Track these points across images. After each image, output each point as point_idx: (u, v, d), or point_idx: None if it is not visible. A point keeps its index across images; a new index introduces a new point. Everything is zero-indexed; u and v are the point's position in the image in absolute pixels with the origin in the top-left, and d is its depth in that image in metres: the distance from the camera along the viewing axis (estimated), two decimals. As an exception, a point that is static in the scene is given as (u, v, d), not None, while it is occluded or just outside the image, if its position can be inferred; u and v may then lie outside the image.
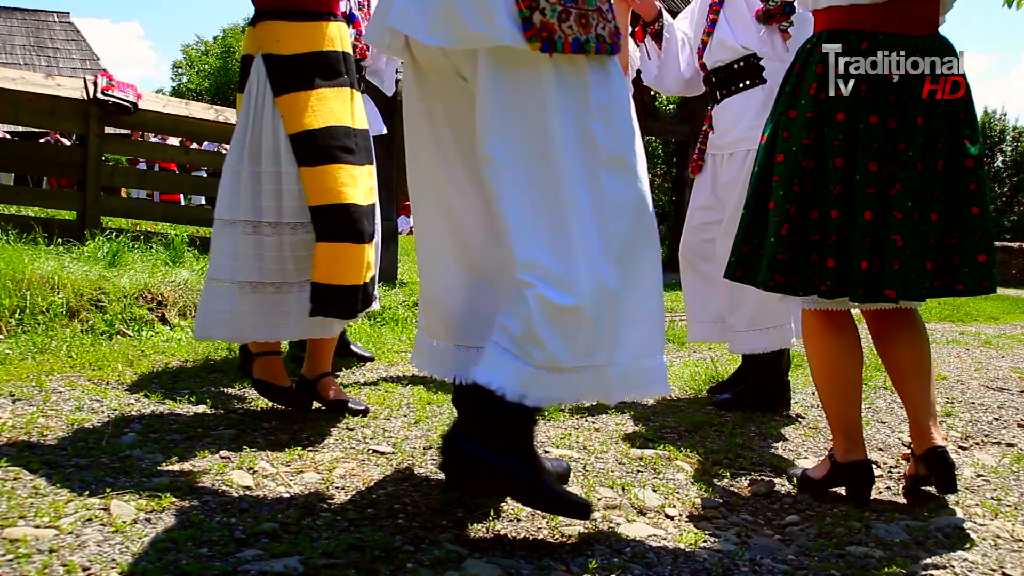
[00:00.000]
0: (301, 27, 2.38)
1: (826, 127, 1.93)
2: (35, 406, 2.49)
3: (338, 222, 2.31)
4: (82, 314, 4.79)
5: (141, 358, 3.34)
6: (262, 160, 2.37)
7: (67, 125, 6.28)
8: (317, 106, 2.34)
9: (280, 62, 2.35)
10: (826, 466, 2.20)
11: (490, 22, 1.45)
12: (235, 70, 31.80)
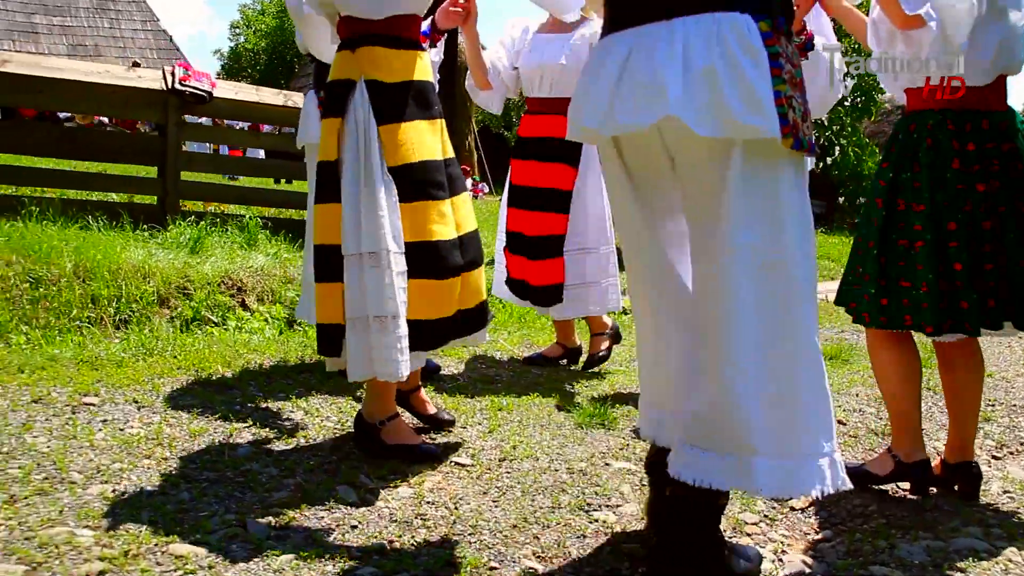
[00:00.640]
0: (402, 55, 2.43)
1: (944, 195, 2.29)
2: (157, 413, 2.84)
3: (425, 260, 2.39)
4: (171, 301, 5.20)
5: (236, 358, 3.68)
6: (376, 187, 2.37)
7: (147, 115, 6.63)
8: (415, 139, 2.40)
9: (385, 89, 2.38)
10: (889, 464, 2.54)
11: (760, 115, 1.55)
12: (291, 30, 32.06)
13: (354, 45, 2.43)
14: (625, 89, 1.64)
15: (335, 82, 2.46)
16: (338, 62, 2.48)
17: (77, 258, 4.98)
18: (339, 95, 2.43)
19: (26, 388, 3.01)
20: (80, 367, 3.34)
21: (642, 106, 1.60)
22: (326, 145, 2.45)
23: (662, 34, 1.61)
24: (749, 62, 1.56)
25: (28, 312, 4.53)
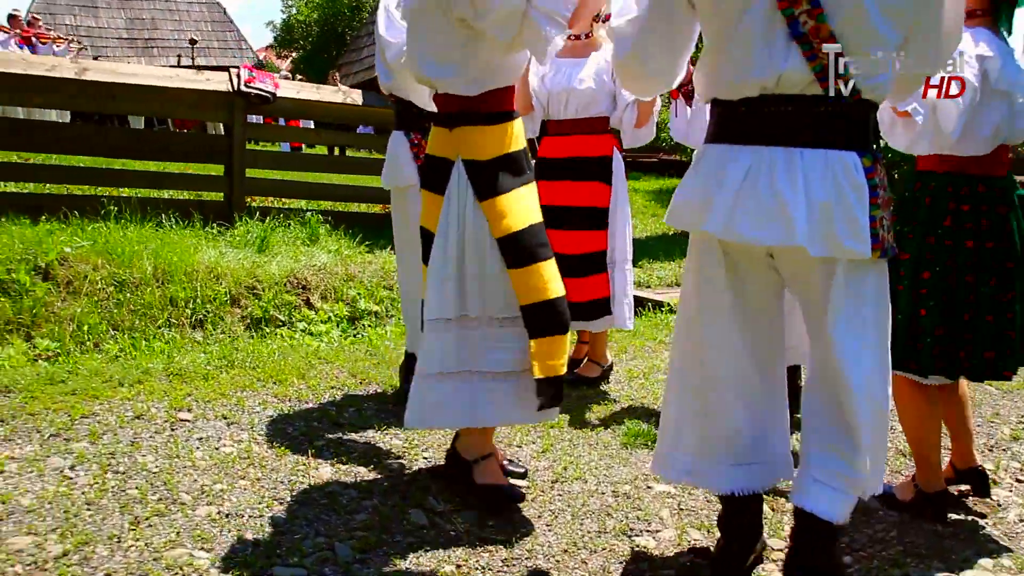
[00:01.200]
0: (495, 130, 2.47)
1: (959, 254, 2.55)
2: (244, 431, 3.18)
3: (548, 318, 2.45)
4: (241, 301, 5.57)
5: (309, 368, 4.01)
6: (466, 262, 2.46)
7: (214, 115, 6.96)
8: (516, 207, 2.46)
9: (482, 168, 2.45)
10: (911, 492, 2.85)
11: (860, 241, 1.85)
12: (341, 1, 32.31)
13: (451, 123, 2.49)
14: (748, 204, 1.90)
15: (434, 158, 2.54)
16: (436, 137, 2.56)
17: (156, 261, 5.36)
18: (439, 172, 2.52)
19: (127, 403, 3.37)
20: (172, 380, 3.69)
21: (767, 226, 1.87)
22: (428, 215, 2.57)
23: (782, 161, 1.88)
24: (854, 196, 1.85)
25: (115, 315, 4.93)
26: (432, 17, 2.37)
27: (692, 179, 2.08)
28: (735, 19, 1.88)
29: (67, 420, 3.14)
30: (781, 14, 1.82)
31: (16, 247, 5.07)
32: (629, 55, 2.14)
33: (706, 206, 1.98)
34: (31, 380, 3.55)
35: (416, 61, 2.48)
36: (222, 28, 30.42)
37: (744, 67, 1.90)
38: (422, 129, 3.27)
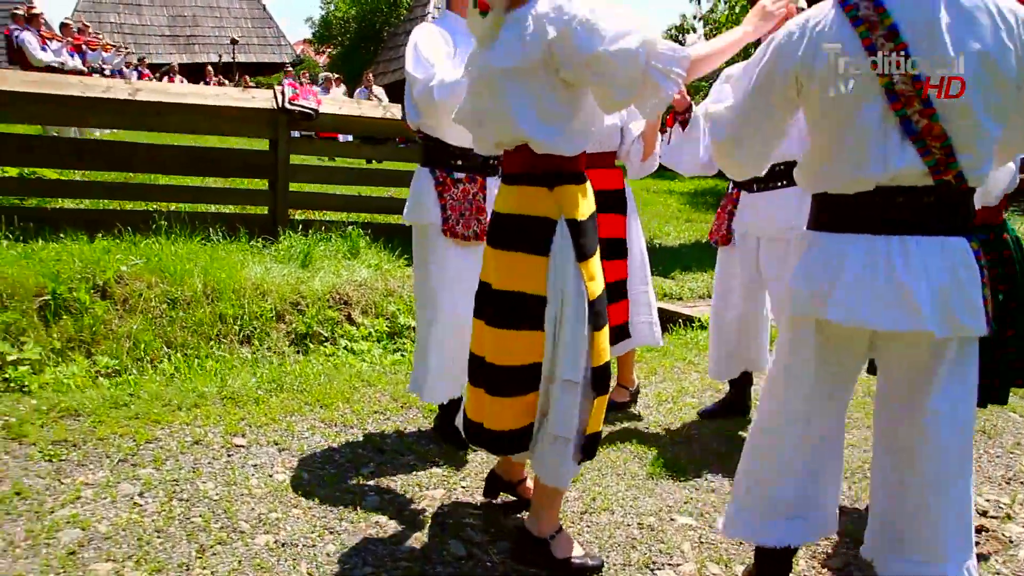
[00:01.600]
0: (585, 189, 2.53)
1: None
2: (295, 457, 3.41)
3: (603, 380, 2.54)
4: (286, 317, 5.81)
5: (353, 392, 4.24)
6: (581, 322, 2.46)
7: (259, 132, 7.20)
8: (598, 269, 2.54)
9: (581, 228, 2.47)
10: None
11: (977, 319, 2.04)
12: (379, -2, 32.53)
13: (551, 183, 2.45)
14: (869, 292, 2.06)
15: (534, 219, 2.45)
16: (531, 197, 2.47)
17: (205, 278, 5.62)
18: (537, 231, 2.45)
19: (186, 428, 3.62)
20: (226, 403, 3.94)
21: (891, 312, 2.04)
22: (532, 280, 2.46)
23: (898, 250, 2.05)
24: (968, 279, 2.03)
25: (168, 332, 5.19)
26: (536, 77, 2.33)
27: (806, 267, 2.21)
28: (848, 120, 2.05)
29: (132, 445, 3.39)
30: (895, 115, 1.99)
31: (76, 266, 5.34)
32: (726, 140, 2.32)
33: (826, 295, 2.12)
34: (97, 403, 3.81)
35: (514, 120, 2.38)
36: (261, 25, 30.88)
37: (859, 164, 2.05)
38: (448, 167, 3.37)
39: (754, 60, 2.24)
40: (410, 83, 3.21)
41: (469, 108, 2.59)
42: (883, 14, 1.97)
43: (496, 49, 2.37)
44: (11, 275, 5.08)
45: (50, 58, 11.54)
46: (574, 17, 2.22)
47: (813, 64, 2.05)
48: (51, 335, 4.87)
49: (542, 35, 2.24)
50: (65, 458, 3.26)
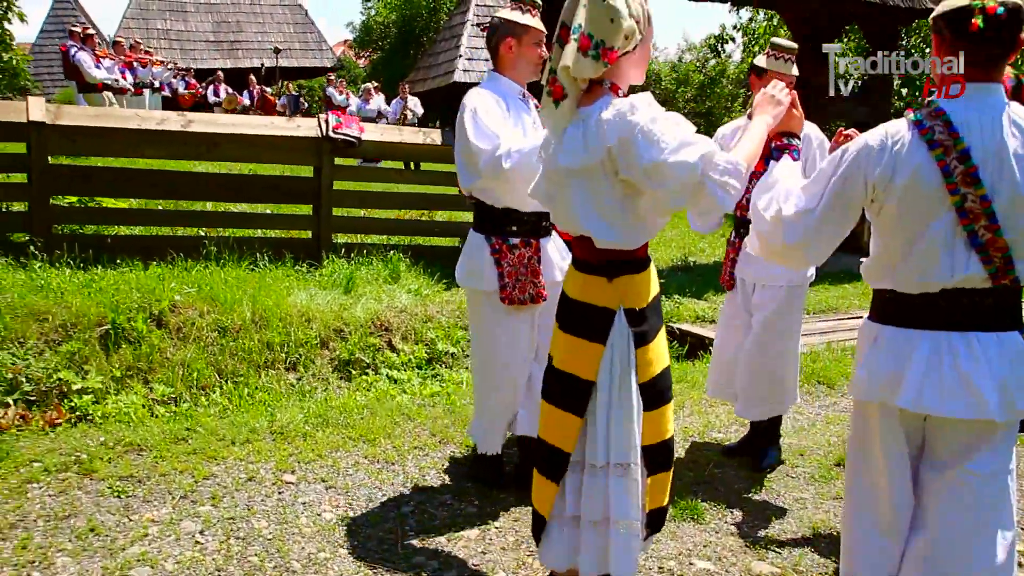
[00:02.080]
0: (647, 276, 2.57)
1: None
2: (341, 495, 3.67)
3: (662, 456, 2.59)
4: (330, 343, 6.09)
5: (395, 427, 4.49)
6: (631, 405, 2.50)
7: (304, 159, 7.50)
8: (660, 350, 2.59)
9: (641, 316, 2.52)
10: None
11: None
12: (418, 2, 32.90)
13: (611, 274, 2.50)
14: (936, 382, 2.26)
15: (595, 308, 2.51)
16: (592, 287, 2.53)
17: (254, 306, 5.91)
18: (601, 322, 2.51)
19: (240, 464, 3.89)
20: (276, 439, 4.21)
21: (956, 401, 2.25)
22: (586, 365, 2.50)
23: (961, 345, 2.26)
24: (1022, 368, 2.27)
25: (219, 360, 5.49)
26: (596, 177, 2.41)
27: (875, 357, 2.42)
28: (921, 231, 2.26)
29: (192, 482, 3.67)
30: (963, 228, 2.21)
31: (133, 296, 5.66)
32: (798, 243, 2.45)
33: (896, 383, 2.34)
34: (158, 438, 4.10)
35: (577, 217, 2.47)
36: (303, 30, 31.33)
37: (928, 271, 2.28)
38: (504, 233, 3.46)
39: (826, 170, 2.40)
40: (472, 152, 3.25)
41: (543, 188, 2.65)
42: (957, 139, 2.18)
43: (562, 145, 2.45)
44: (75, 305, 5.41)
45: (104, 75, 11.97)
46: (636, 125, 2.30)
47: (893, 179, 2.24)
48: (111, 364, 5.19)
49: (604, 140, 2.33)
50: (132, 494, 3.54)
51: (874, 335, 2.44)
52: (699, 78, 23.36)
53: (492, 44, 3.48)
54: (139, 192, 7.24)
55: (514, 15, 3.42)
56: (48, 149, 6.35)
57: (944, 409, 2.26)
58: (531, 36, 3.43)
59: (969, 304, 2.26)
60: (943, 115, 2.20)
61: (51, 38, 34.20)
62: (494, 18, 3.47)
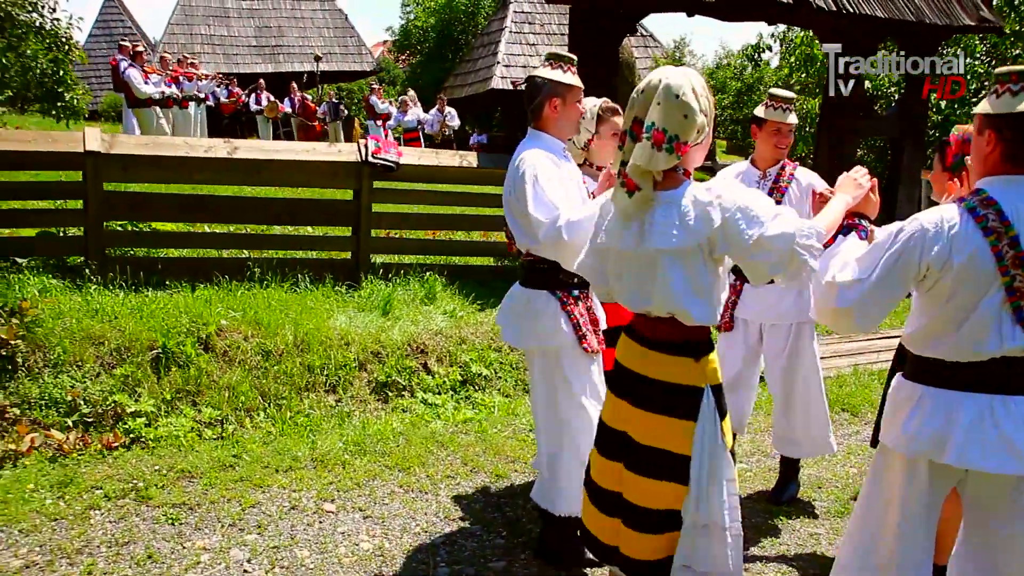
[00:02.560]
0: (715, 353, 2.70)
1: None
2: (377, 525, 3.92)
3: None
4: (367, 366, 6.34)
5: (428, 455, 4.74)
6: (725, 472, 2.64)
7: (345, 183, 7.77)
8: (729, 420, 2.75)
9: (720, 391, 2.67)
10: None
11: None
12: (459, 7, 33.19)
13: (698, 354, 2.61)
14: (977, 441, 2.47)
15: (683, 387, 2.60)
16: (677, 367, 2.62)
17: (296, 330, 6.18)
18: (690, 401, 2.61)
19: (283, 492, 4.16)
20: (317, 467, 4.47)
21: (998, 457, 2.45)
22: (680, 441, 2.61)
23: (1000, 407, 2.48)
24: None
25: (263, 383, 5.76)
26: (692, 257, 2.51)
27: (920, 417, 2.59)
28: (972, 308, 2.47)
29: (239, 510, 3.94)
30: (1010, 304, 2.44)
31: (182, 319, 5.96)
32: (848, 308, 2.62)
33: (942, 442, 2.54)
34: (207, 465, 4.38)
35: (676, 298, 2.54)
36: (343, 35, 31.76)
37: (976, 343, 2.49)
38: (568, 286, 3.47)
39: (881, 243, 2.60)
40: (531, 223, 3.27)
41: (592, 264, 2.80)
42: (1008, 227, 2.39)
43: (651, 230, 2.53)
44: (128, 329, 5.72)
45: (152, 90, 12.37)
46: (734, 204, 2.46)
47: (950, 260, 2.43)
48: (162, 386, 5.48)
49: (706, 223, 2.45)
50: (184, 521, 3.82)
51: (917, 395, 2.63)
52: (736, 85, 23.34)
53: (536, 103, 3.45)
54: (188, 216, 7.55)
55: (556, 74, 3.41)
56: (103, 176, 6.67)
57: (988, 465, 2.47)
58: (574, 95, 3.45)
59: (1011, 371, 2.49)
60: (995, 204, 2.42)
61: (98, 42, 35.07)
62: (536, 78, 3.44)
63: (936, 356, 2.57)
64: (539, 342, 3.50)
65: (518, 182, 3.34)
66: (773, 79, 20.54)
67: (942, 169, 3.37)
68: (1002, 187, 2.46)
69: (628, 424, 2.71)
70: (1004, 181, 2.47)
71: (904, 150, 11.28)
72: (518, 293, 3.61)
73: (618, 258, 2.67)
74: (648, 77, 2.56)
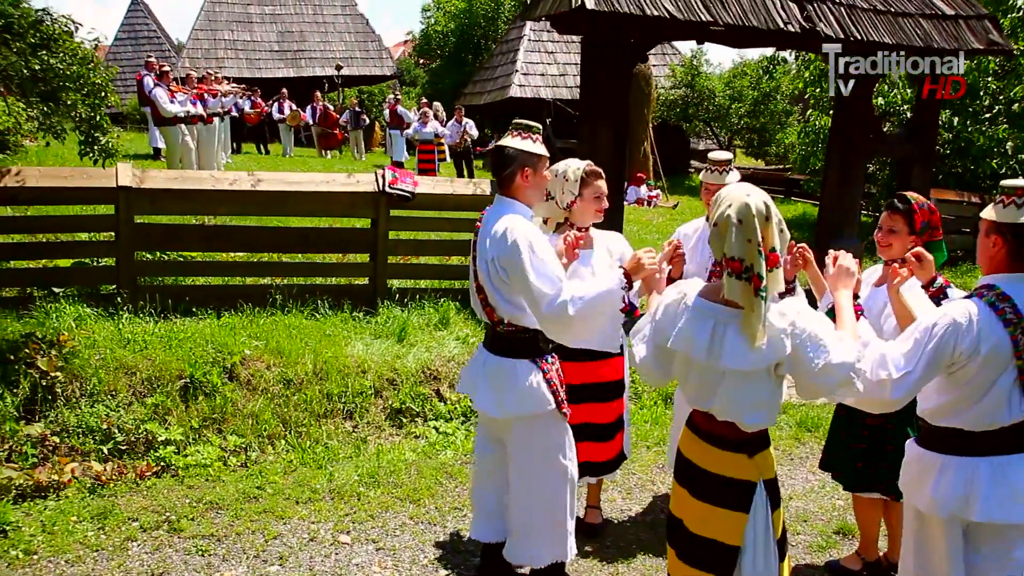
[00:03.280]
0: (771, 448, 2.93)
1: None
2: (389, 556, 4.26)
3: None
4: (383, 392, 6.68)
5: (438, 487, 5.07)
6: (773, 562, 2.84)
7: (363, 212, 8.12)
8: (781, 511, 2.96)
9: (775, 483, 2.90)
10: (858, 563, 4.19)
11: None
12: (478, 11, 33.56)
13: (752, 451, 2.81)
14: (996, 496, 2.85)
15: (737, 481, 2.81)
16: (733, 462, 2.82)
17: (315, 359, 6.53)
18: (744, 495, 2.80)
19: (303, 524, 4.51)
20: (334, 499, 4.82)
21: (1015, 508, 2.84)
22: (731, 532, 2.79)
23: (1015, 465, 2.88)
24: None
25: (284, 411, 6.12)
26: (759, 376, 2.71)
27: (947, 482, 2.96)
28: (990, 385, 2.84)
29: (263, 542, 4.29)
30: (1020, 383, 2.82)
31: (208, 349, 6.33)
32: (903, 398, 2.93)
33: (968, 502, 2.89)
34: (233, 496, 4.74)
35: (737, 410, 2.74)
36: (365, 39, 32.18)
37: (991, 415, 2.87)
38: (545, 352, 3.63)
39: (920, 339, 2.91)
40: (535, 296, 3.33)
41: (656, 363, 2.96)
42: (1021, 318, 2.81)
43: (722, 345, 2.69)
44: (158, 359, 6.10)
45: (178, 109, 12.78)
46: (804, 331, 2.65)
47: (979, 349, 2.82)
48: (190, 415, 5.86)
49: (778, 350, 2.65)
50: (213, 552, 4.18)
51: (939, 464, 3.00)
52: (753, 95, 23.51)
53: (508, 173, 3.53)
54: (214, 245, 7.91)
55: (526, 144, 3.52)
56: (134, 209, 7.06)
57: (1012, 517, 2.87)
58: (543, 164, 3.57)
59: (1017, 435, 2.89)
60: (1009, 299, 2.84)
61: (124, 44, 35.75)
62: (508, 149, 3.52)
63: (955, 426, 2.96)
64: (522, 411, 3.56)
65: (510, 252, 3.37)
66: (790, 88, 20.71)
67: (908, 232, 3.72)
68: (1011, 283, 2.87)
69: (684, 513, 2.92)
70: (1011, 279, 2.88)
71: (913, 169, 11.48)
72: (494, 362, 3.64)
73: (685, 361, 2.84)
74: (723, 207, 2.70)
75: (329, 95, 26.88)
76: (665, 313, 2.88)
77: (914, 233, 3.72)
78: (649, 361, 2.97)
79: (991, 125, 14.17)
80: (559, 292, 3.30)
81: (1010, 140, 13.75)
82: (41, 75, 5.44)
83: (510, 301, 3.52)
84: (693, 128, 25.31)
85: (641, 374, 3.05)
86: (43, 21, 5.42)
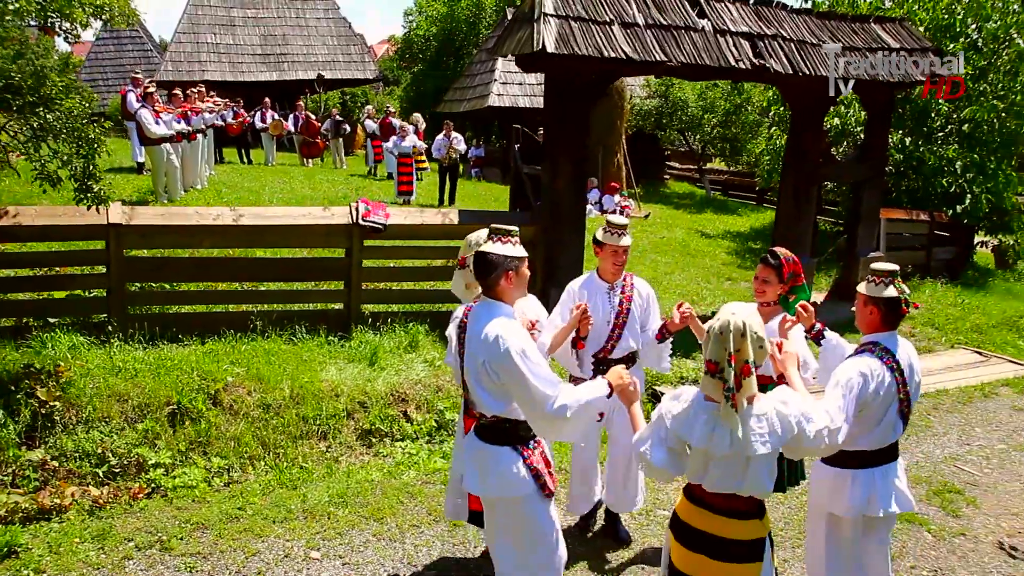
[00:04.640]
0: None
1: None
2: (354, 571, 4.88)
3: None
4: (354, 414, 7.29)
5: (399, 506, 5.70)
6: None
7: (338, 242, 8.72)
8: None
9: (770, 533, 3.44)
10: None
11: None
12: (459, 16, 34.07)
13: (762, 514, 3.35)
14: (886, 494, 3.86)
15: (753, 541, 3.30)
16: (750, 527, 3.30)
17: (292, 384, 7.15)
18: (760, 548, 3.32)
19: (278, 542, 5.13)
20: (307, 518, 5.44)
21: (897, 500, 3.87)
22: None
23: (893, 470, 3.90)
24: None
25: (263, 434, 6.73)
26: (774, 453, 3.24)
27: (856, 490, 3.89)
28: (882, 417, 3.81)
29: (243, 559, 4.91)
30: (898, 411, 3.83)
31: (193, 376, 6.94)
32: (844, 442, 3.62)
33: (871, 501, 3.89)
34: (217, 517, 5.35)
35: (763, 487, 3.24)
36: (347, 43, 32.56)
37: (887, 436, 3.87)
38: (528, 439, 3.79)
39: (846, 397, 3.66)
40: (538, 400, 3.51)
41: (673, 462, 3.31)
42: (899, 364, 3.83)
43: (746, 437, 3.15)
44: (147, 387, 6.70)
45: (163, 131, 13.29)
46: (800, 412, 3.27)
47: (878, 392, 3.75)
48: (177, 439, 6.46)
49: (789, 431, 3.21)
50: (200, 569, 4.79)
51: (850, 477, 3.91)
52: (725, 106, 24.18)
53: (493, 278, 3.65)
54: (199, 276, 8.49)
55: (507, 249, 3.65)
56: (124, 244, 7.65)
57: (899, 508, 3.90)
58: (523, 263, 3.71)
59: (894, 449, 3.94)
60: (889, 351, 3.82)
61: (106, 44, 36.06)
62: (490, 255, 3.63)
63: (858, 448, 3.85)
64: (504, 493, 3.74)
65: (502, 358, 3.51)
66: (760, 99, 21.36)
67: (778, 281, 4.57)
68: (887, 339, 3.87)
69: (698, 569, 3.34)
70: (886, 336, 3.88)
71: (864, 190, 12.10)
72: (479, 448, 3.83)
73: (705, 457, 3.23)
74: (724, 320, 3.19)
75: (312, 97, 27.39)
76: (675, 420, 3.28)
77: (782, 282, 4.58)
78: (667, 464, 3.31)
79: (942, 145, 14.83)
80: (558, 395, 3.53)
81: (959, 160, 14.40)
82: (41, 133, 6.00)
83: (496, 400, 3.69)
84: (668, 137, 25.95)
85: (656, 476, 3.42)
86: (43, 83, 5.96)
